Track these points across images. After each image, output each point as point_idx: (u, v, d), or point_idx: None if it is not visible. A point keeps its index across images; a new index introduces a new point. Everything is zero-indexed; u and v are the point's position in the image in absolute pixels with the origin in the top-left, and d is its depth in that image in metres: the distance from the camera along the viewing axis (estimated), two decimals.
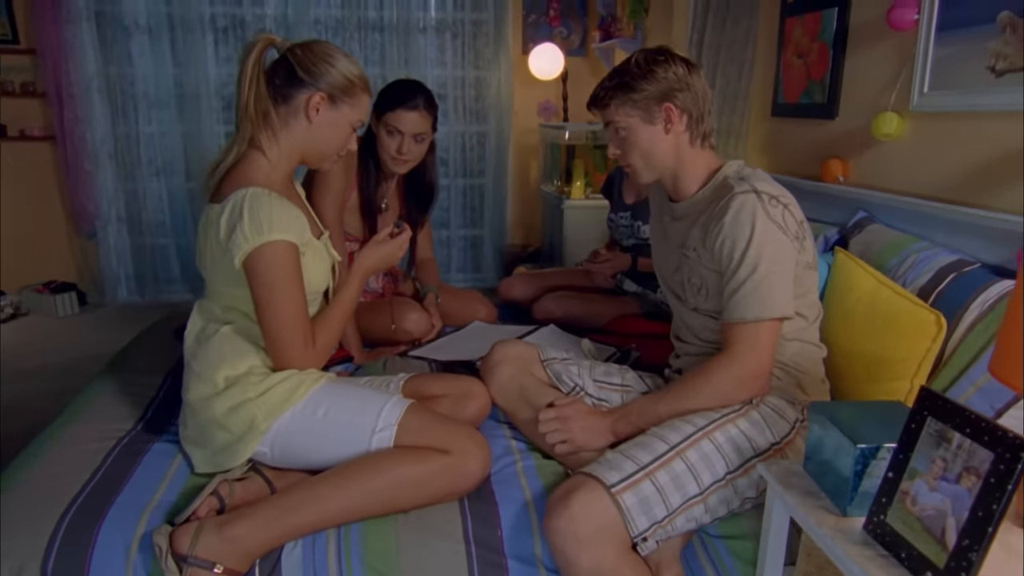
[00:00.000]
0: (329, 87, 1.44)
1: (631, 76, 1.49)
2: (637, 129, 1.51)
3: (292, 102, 1.44)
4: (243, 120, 1.40)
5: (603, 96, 1.53)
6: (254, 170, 1.41)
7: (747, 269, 1.39)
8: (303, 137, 1.47)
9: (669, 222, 1.65)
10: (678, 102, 1.49)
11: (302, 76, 1.42)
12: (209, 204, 1.42)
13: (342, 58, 1.46)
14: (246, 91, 1.39)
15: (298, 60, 1.42)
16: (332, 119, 1.47)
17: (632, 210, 2.42)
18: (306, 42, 1.45)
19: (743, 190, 1.42)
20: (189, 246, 4.50)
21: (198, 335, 1.48)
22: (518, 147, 4.73)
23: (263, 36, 1.41)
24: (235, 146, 1.42)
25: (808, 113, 2.45)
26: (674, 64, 1.49)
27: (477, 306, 2.36)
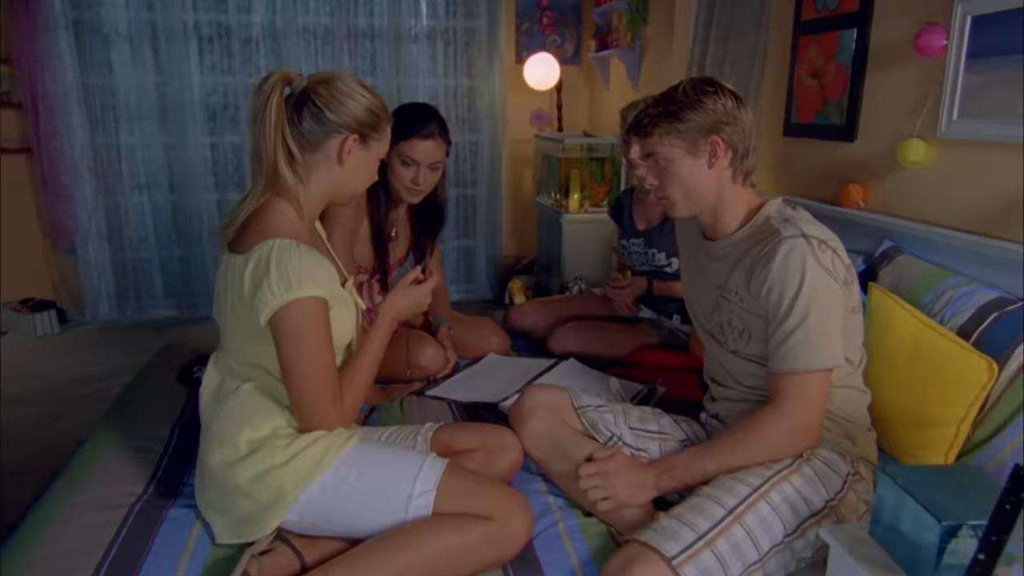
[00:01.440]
0: (359, 126, 1.36)
1: (678, 105, 1.42)
2: (679, 161, 1.44)
3: (322, 147, 1.35)
4: (265, 167, 1.31)
5: (647, 123, 1.46)
6: (279, 219, 1.32)
7: (797, 318, 1.33)
8: (332, 180, 1.39)
9: (704, 260, 1.58)
10: (725, 136, 1.43)
11: (331, 118, 1.33)
12: (229, 254, 1.32)
13: (364, 91, 1.37)
14: (270, 137, 1.29)
15: (325, 101, 1.33)
16: (363, 158, 1.40)
17: (645, 237, 2.36)
18: (325, 77, 1.36)
19: (791, 234, 1.36)
20: (173, 261, 4.37)
21: (215, 392, 1.38)
22: (511, 157, 4.66)
23: (278, 73, 1.32)
24: (256, 195, 1.33)
25: (824, 135, 2.40)
26: (723, 96, 1.43)
27: (490, 336, 2.28)
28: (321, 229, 1.57)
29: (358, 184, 1.43)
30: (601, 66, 4.25)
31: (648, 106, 1.49)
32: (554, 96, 4.44)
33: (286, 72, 1.33)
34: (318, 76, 1.37)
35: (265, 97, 1.29)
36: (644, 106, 1.52)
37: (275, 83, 1.30)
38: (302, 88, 1.34)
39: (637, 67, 3.83)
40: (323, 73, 1.38)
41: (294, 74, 1.34)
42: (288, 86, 1.34)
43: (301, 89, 1.34)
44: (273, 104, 1.28)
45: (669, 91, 1.48)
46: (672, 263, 2.29)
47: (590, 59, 4.26)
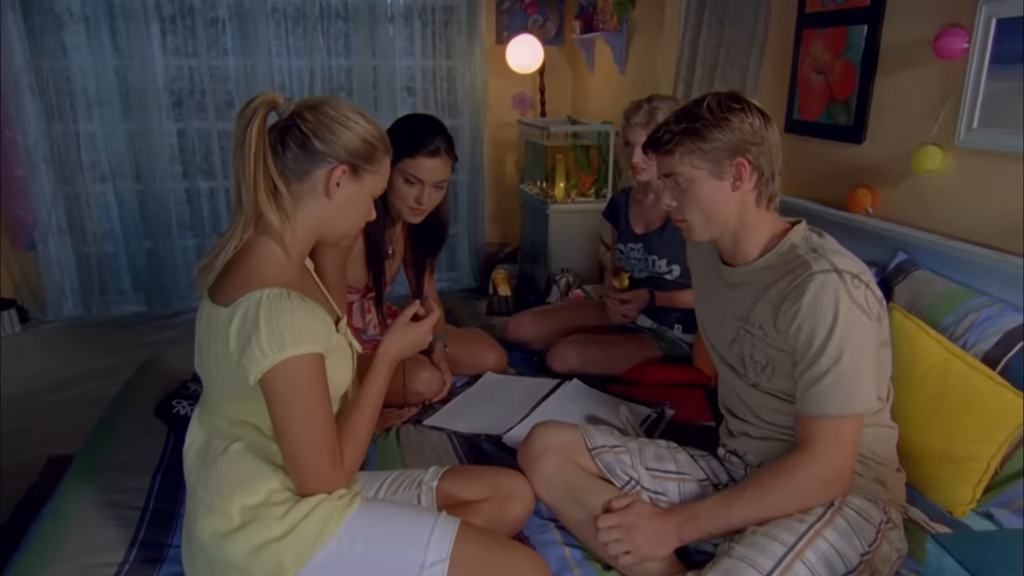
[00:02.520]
0: (351, 156, 1.22)
1: (702, 123, 1.32)
2: (701, 183, 1.34)
3: (308, 178, 1.21)
4: (246, 201, 1.17)
5: (667, 141, 1.35)
6: (265, 263, 1.19)
7: (829, 359, 1.25)
8: (320, 215, 1.25)
9: (721, 287, 1.49)
10: (751, 157, 1.33)
11: (319, 147, 1.19)
12: (210, 303, 1.19)
13: (359, 118, 1.23)
14: (250, 168, 1.15)
15: (312, 128, 1.19)
16: (354, 192, 1.26)
17: (644, 241, 2.25)
18: (314, 102, 1.22)
19: (823, 268, 1.27)
20: (141, 254, 4.17)
21: (200, 452, 1.26)
22: (493, 141, 4.51)
23: (263, 97, 1.17)
24: (237, 232, 1.19)
25: (830, 134, 2.31)
26: (750, 114, 1.32)
27: (487, 352, 2.17)
28: (309, 261, 1.43)
29: (349, 222, 1.29)
30: (586, 48, 4.10)
31: (669, 122, 1.37)
32: (537, 79, 4.29)
33: (271, 96, 1.19)
34: (307, 101, 1.23)
35: (246, 123, 1.15)
36: (664, 121, 1.40)
37: (257, 108, 1.16)
38: (288, 113, 1.20)
39: (624, 51, 3.69)
40: (314, 98, 1.24)
41: (280, 98, 1.20)
42: (274, 110, 1.20)
43: (287, 115, 1.20)
44: (254, 131, 1.14)
45: (691, 106, 1.36)
46: (673, 270, 2.20)
47: (574, 41, 4.10)
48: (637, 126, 2.09)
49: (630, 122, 2.11)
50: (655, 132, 1.40)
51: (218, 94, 4.05)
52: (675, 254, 2.18)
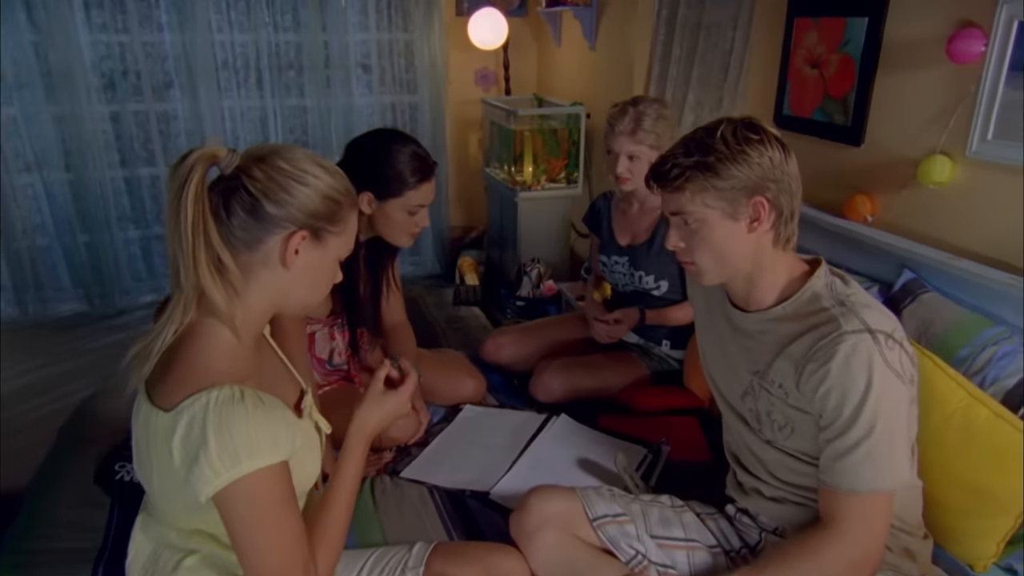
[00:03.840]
0: (310, 218, 1.03)
1: (717, 156, 1.16)
2: (714, 224, 1.20)
3: (260, 247, 1.01)
4: (184, 280, 0.97)
5: (677, 177, 1.19)
6: (211, 352, 0.99)
7: (861, 430, 1.12)
8: (277, 288, 1.06)
9: (731, 332, 1.35)
10: (770, 195, 1.18)
11: (271, 211, 0.99)
12: (148, 402, 0.99)
13: (318, 170, 1.03)
14: (188, 240, 0.94)
15: (262, 188, 0.98)
16: (316, 258, 1.06)
17: (630, 255, 2.09)
18: (263, 153, 1.01)
19: (854, 328, 1.13)
20: (78, 248, 3.84)
21: (147, 567, 1.08)
22: (455, 120, 4.26)
23: (199, 153, 0.96)
24: (176, 316, 0.98)
25: (823, 133, 2.16)
26: (769, 146, 1.18)
27: (464, 380, 2.00)
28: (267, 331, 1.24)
29: (312, 293, 1.10)
30: (552, 22, 3.85)
31: (677, 153, 1.21)
32: (500, 54, 4.03)
33: (210, 150, 0.97)
34: (255, 151, 1.02)
35: (180, 184, 0.94)
36: (671, 151, 1.23)
37: (194, 166, 0.94)
38: (233, 169, 0.99)
39: (594, 26, 3.46)
40: (262, 147, 1.02)
41: (222, 151, 0.98)
42: (215, 166, 0.99)
43: (231, 170, 0.99)
44: (190, 195, 0.93)
45: (702, 135, 1.20)
46: (661, 286, 2.05)
47: (540, 14, 3.85)
48: (622, 134, 1.91)
49: (614, 129, 1.92)
50: (661, 164, 1.23)
51: (155, 74, 3.71)
52: (663, 269, 2.03)
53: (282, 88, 3.90)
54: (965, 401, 1.40)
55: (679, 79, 2.96)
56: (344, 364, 1.96)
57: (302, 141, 4.04)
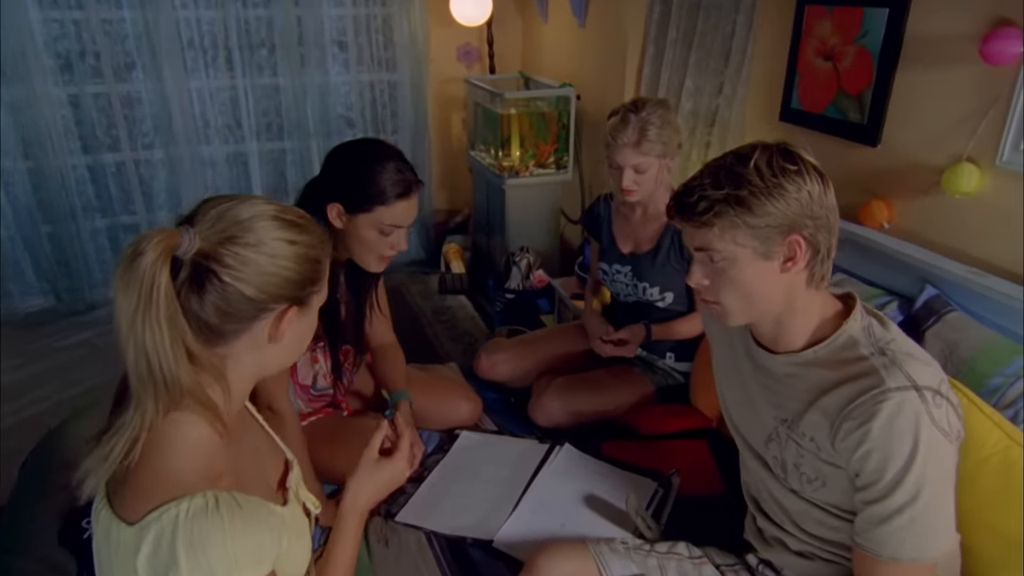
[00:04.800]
0: (297, 291, 0.90)
1: (750, 190, 1.04)
2: (745, 264, 1.08)
3: (244, 334, 0.88)
4: (153, 383, 0.82)
5: (705, 211, 1.07)
6: (180, 455, 0.85)
7: (904, 496, 1.02)
8: (261, 363, 0.94)
9: (754, 371, 1.24)
10: (807, 233, 1.06)
11: (253, 296, 0.85)
12: (108, 510, 0.86)
13: (291, 231, 0.88)
14: (162, 344, 0.80)
15: (237, 275, 0.84)
16: (306, 323, 0.96)
17: (633, 265, 1.97)
18: (228, 230, 0.84)
19: (899, 385, 1.03)
20: (40, 240, 3.63)
21: None
22: (437, 99, 4.07)
23: (155, 242, 0.79)
24: (142, 421, 0.84)
25: (836, 131, 2.03)
26: (808, 178, 1.05)
27: (459, 403, 1.88)
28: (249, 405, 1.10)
29: (296, 354, 0.99)
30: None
31: (705, 184, 1.08)
32: (484, 29, 3.83)
33: (166, 238, 0.81)
34: (217, 226, 0.84)
35: (143, 285, 0.78)
36: (697, 179, 1.10)
37: (156, 261, 0.79)
38: (195, 253, 0.84)
39: (583, 2, 3.28)
40: (223, 217, 0.85)
41: (177, 234, 0.82)
42: (175, 253, 0.83)
43: (194, 254, 0.84)
44: (161, 299, 0.79)
45: (733, 162, 1.07)
46: (666, 297, 1.93)
47: None
48: (626, 147, 1.76)
49: (617, 142, 1.77)
50: (687, 195, 1.10)
51: (115, 55, 3.47)
52: (669, 281, 1.91)
53: (253, 67, 3.68)
54: (1003, 443, 1.30)
55: (675, 63, 2.81)
56: (329, 388, 1.82)
57: (276, 124, 3.83)
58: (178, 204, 3.74)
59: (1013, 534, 1.25)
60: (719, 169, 1.09)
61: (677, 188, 1.15)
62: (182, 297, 0.82)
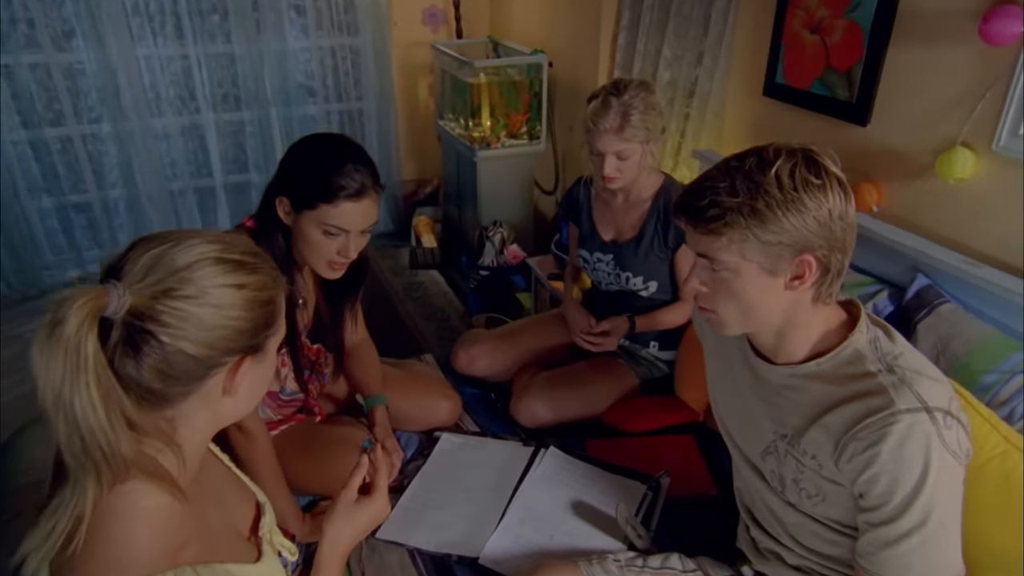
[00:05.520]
0: (251, 339, 0.80)
1: (767, 202, 0.96)
2: (748, 277, 1.01)
3: (193, 395, 0.78)
4: (89, 459, 0.71)
5: (715, 219, 0.99)
6: (134, 533, 0.74)
7: (913, 520, 0.98)
8: (217, 416, 0.84)
9: (750, 379, 1.18)
10: (821, 253, 0.99)
11: (201, 355, 0.75)
12: None
13: (238, 274, 0.77)
14: (96, 420, 0.69)
15: (181, 334, 0.73)
16: (262, 369, 0.85)
17: (615, 253, 1.88)
18: (162, 287, 0.73)
19: (909, 406, 0.97)
20: None
21: None
22: (402, 65, 3.89)
23: (80, 306, 0.67)
24: (77, 496, 0.73)
25: (823, 108, 1.95)
26: (831, 193, 0.98)
27: (438, 403, 1.80)
28: (215, 449, 1.01)
29: (257, 400, 0.90)
30: None
31: (717, 186, 0.99)
32: None
33: (91, 298, 0.69)
34: (150, 277, 0.73)
35: (68, 355, 0.67)
36: (705, 180, 1.02)
37: (81, 327, 0.67)
38: (126, 312, 0.72)
39: None
40: (156, 266, 0.73)
41: (104, 292, 0.70)
42: (103, 314, 0.71)
43: (125, 313, 0.72)
44: (90, 366, 0.68)
45: (753, 167, 0.99)
46: (650, 286, 1.86)
47: None
48: (608, 133, 1.66)
49: (598, 127, 1.67)
50: (696, 196, 1.01)
51: (51, 22, 3.22)
52: (652, 270, 1.84)
53: (205, 35, 3.46)
54: (1001, 448, 1.27)
55: (652, 29, 2.69)
56: (299, 392, 1.73)
57: (232, 94, 3.63)
58: (132, 181, 3.55)
59: (1013, 546, 1.23)
60: (736, 173, 1.00)
61: (687, 185, 1.06)
62: (116, 363, 0.72)
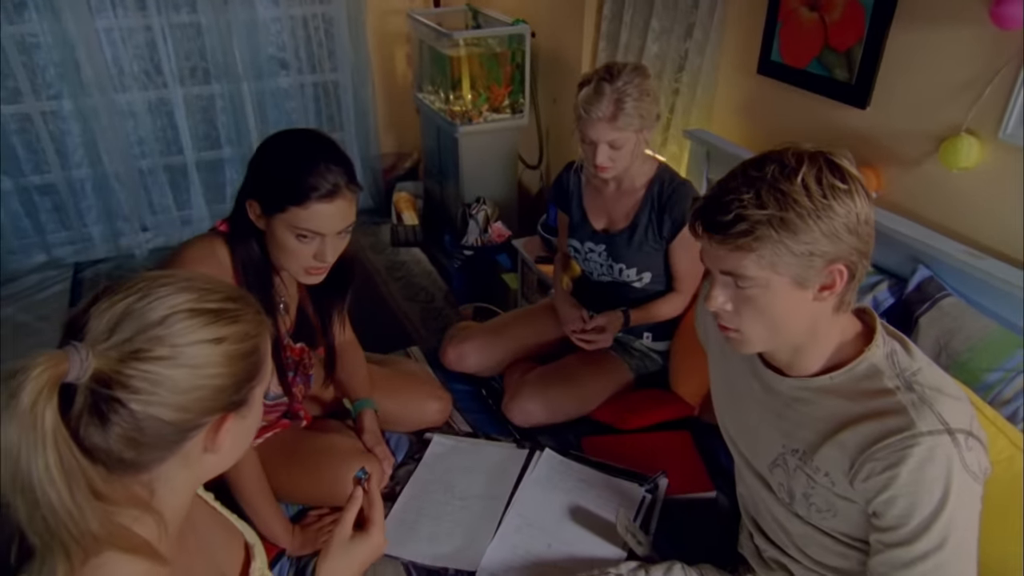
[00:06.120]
0: (233, 395, 0.73)
1: (797, 212, 0.91)
2: (777, 292, 0.97)
3: (167, 459, 0.72)
4: (47, 539, 0.64)
5: (744, 234, 0.93)
6: None
7: (930, 543, 0.95)
8: (198, 475, 0.78)
9: (761, 392, 1.15)
10: (851, 260, 0.96)
11: (176, 420, 0.68)
12: None
13: (217, 327, 0.70)
14: (46, 494, 0.62)
15: (154, 399, 0.66)
16: (247, 424, 0.79)
17: (607, 243, 1.82)
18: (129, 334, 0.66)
19: (931, 428, 0.94)
20: None
21: None
22: (377, 34, 3.74)
23: (39, 376, 0.60)
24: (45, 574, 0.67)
25: (820, 89, 1.88)
26: (857, 197, 0.94)
27: (427, 403, 1.74)
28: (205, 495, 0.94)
29: (242, 453, 0.83)
30: None
31: (743, 198, 0.93)
32: None
33: (49, 365, 0.61)
34: (116, 337, 0.65)
35: (24, 429, 0.60)
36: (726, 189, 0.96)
37: (38, 399, 0.60)
38: (91, 377, 0.65)
39: None
40: (122, 323, 0.66)
41: (65, 357, 0.63)
42: (64, 380, 0.64)
43: (89, 379, 0.65)
44: (48, 441, 0.61)
45: (777, 176, 0.93)
46: (643, 277, 1.81)
47: None
48: (601, 121, 1.58)
49: (590, 115, 1.58)
50: (720, 210, 0.95)
51: None
52: (646, 261, 1.78)
53: (169, 5, 3.28)
54: (1008, 452, 1.25)
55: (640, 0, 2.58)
56: (282, 397, 1.66)
57: (201, 67, 3.47)
58: (98, 160, 3.39)
59: (1013, 552, 1.21)
60: (759, 182, 0.93)
61: (704, 197, 1.00)
62: (81, 433, 0.65)
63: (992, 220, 1.55)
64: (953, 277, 1.56)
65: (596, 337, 1.76)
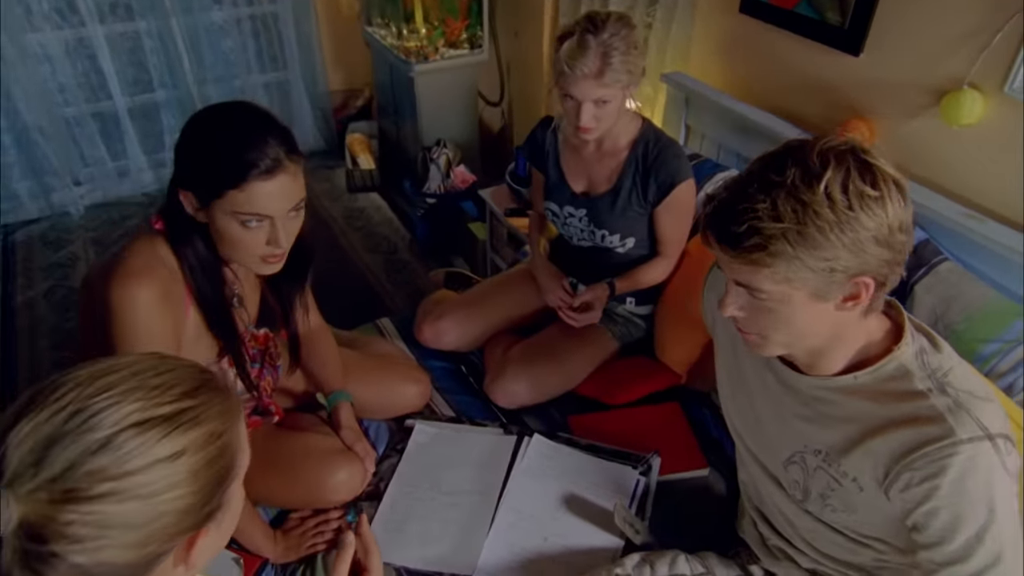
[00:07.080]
0: (200, 514, 0.63)
1: (818, 225, 0.83)
2: (796, 305, 0.90)
3: None
4: None
5: (756, 247, 0.85)
6: None
7: (984, 560, 0.91)
8: None
9: (778, 388, 1.09)
10: (880, 275, 0.88)
11: (134, 560, 0.58)
12: None
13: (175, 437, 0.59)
14: None
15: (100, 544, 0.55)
16: (225, 526, 0.71)
17: (588, 208, 1.71)
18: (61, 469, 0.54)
19: (972, 436, 0.89)
20: None
21: None
22: None
23: None
24: None
25: (809, 32, 1.76)
26: (891, 204, 0.84)
27: (405, 386, 1.64)
28: None
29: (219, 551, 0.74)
30: None
31: (760, 209, 0.84)
32: None
33: None
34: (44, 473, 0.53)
35: None
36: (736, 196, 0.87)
37: None
38: (15, 527, 0.53)
39: None
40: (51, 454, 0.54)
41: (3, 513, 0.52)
42: None
43: (16, 530, 0.53)
44: None
45: (797, 180, 0.83)
46: (627, 243, 1.72)
47: None
48: (586, 78, 1.44)
49: (574, 72, 1.44)
50: (733, 220, 0.86)
51: None
52: (630, 227, 1.69)
53: None
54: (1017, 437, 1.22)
55: None
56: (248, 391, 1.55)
57: (123, 3, 3.13)
58: (15, 111, 3.07)
59: None
60: (777, 189, 0.84)
61: (716, 200, 0.90)
62: None
63: (993, 180, 1.48)
64: (950, 240, 1.51)
65: (584, 315, 1.67)
